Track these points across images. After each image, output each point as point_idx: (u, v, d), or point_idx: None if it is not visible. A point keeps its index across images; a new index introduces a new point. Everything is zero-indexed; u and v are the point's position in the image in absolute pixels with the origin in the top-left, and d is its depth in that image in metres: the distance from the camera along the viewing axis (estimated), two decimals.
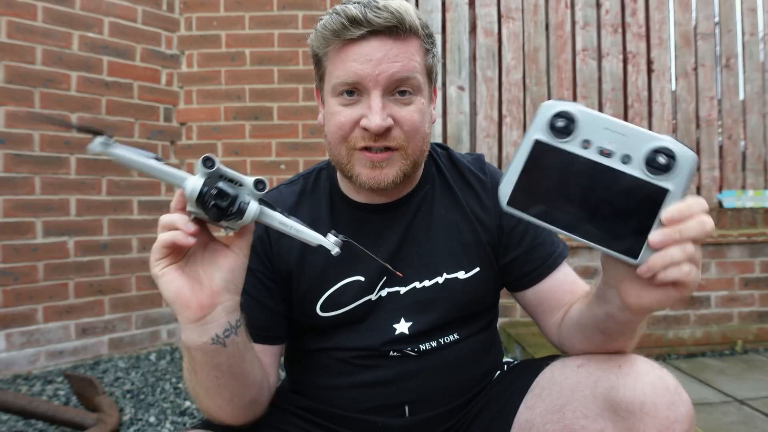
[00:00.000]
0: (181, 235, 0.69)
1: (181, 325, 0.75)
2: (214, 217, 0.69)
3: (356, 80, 0.87)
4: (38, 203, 2.62)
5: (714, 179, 3.17)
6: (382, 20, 0.84)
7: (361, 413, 0.96)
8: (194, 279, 0.74)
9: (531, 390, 0.93)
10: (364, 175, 0.90)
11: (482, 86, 3.10)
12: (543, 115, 0.62)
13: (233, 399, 0.83)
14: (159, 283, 0.72)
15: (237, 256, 0.76)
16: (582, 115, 0.61)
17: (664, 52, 3.18)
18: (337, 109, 0.90)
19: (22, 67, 2.56)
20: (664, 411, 0.74)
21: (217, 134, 3.06)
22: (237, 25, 3.05)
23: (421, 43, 0.91)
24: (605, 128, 0.61)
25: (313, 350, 1.00)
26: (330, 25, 0.87)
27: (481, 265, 1.00)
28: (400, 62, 0.86)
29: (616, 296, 0.70)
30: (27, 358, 2.56)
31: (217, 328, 0.75)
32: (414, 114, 0.89)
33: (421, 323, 0.96)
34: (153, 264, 0.72)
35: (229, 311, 0.76)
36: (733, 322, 3.05)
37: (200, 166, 0.69)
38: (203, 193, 0.69)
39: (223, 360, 0.78)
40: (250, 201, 0.71)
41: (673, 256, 0.59)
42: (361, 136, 0.88)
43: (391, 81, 0.87)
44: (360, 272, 0.97)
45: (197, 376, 0.80)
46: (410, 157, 0.91)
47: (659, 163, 0.59)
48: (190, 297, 0.72)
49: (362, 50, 0.86)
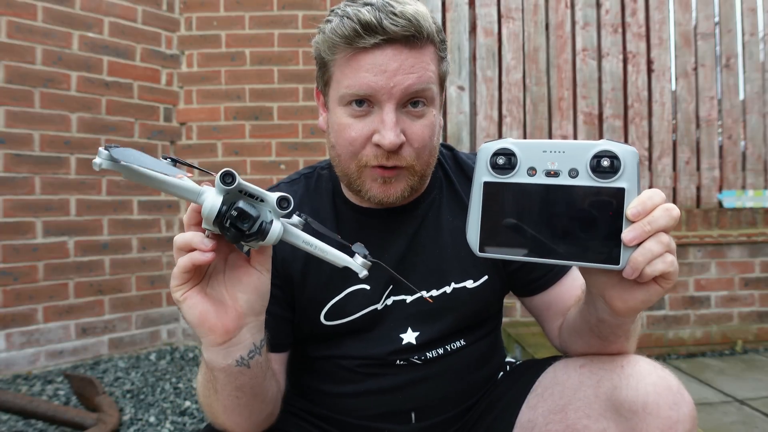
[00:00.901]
0: (199, 255, 0.64)
1: (204, 347, 0.72)
2: (233, 238, 0.64)
3: (369, 93, 0.81)
4: (38, 203, 2.62)
5: (714, 179, 3.17)
6: (399, 28, 0.78)
7: (367, 420, 0.95)
8: (218, 301, 0.70)
9: (533, 390, 0.93)
10: (374, 190, 0.86)
11: (482, 86, 3.10)
12: (483, 158, 0.65)
13: (251, 416, 0.82)
14: (182, 308, 0.68)
15: (260, 273, 0.71)
16: (519, 147, 0.64)
17: (664, 52, 3.18)
18: (347, 122, 0.84)
19: (22, 67, 2.56)
20: (667, 411, 0.74)
21: (217, 134, 3.06)
22: (237, 25, 3.05)
23: (436, 51, 0.86)
24: (543, 151, 0.63)
25: (317, 358, 0.98)
26: (340, 30, 0.80)
27: (489, 273, 0.98)
28: (415, 73, 0.81)
29: (604, 303, 0.70)
30: (27, 358, 2.56)
31: (242, 350, 0.73)
32: (425, 130, 0.85)
33: (429, 333, 0.94)
34: (174, 290, 0.68)
35: (254, 332, 0.73)
36: (733, 322, 3.05)
37: (218, 182, 0.62)
38: (222, 213, 0.62)
39: (246, 381, 0.76)
40: (272, 220, 0.64)
41: (651, 250, 0.59)
42: (374, 154, 0.83)
43: (405, 94, 0.81)
44: (366, 280, 0.93)
45: (218, 395, 0.77)
46: (417, 174, 0.88)
47: (604, 166, 0.60)
48: (215, 321, 0.69)
49: (376, 60, 0.80)
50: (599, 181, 0.61)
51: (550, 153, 0.63)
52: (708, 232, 3.03)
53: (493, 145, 0.65)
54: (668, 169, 3.14)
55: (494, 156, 0.64)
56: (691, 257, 3.01)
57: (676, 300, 3.02)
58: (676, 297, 3.02)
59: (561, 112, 3.13)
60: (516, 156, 0.64)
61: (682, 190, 3.15)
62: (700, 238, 2.99)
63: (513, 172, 0.64)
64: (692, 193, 3.16)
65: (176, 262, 0.66)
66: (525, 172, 0.63)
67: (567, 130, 3.12)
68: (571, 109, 3.14)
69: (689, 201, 3.15)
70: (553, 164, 0.62)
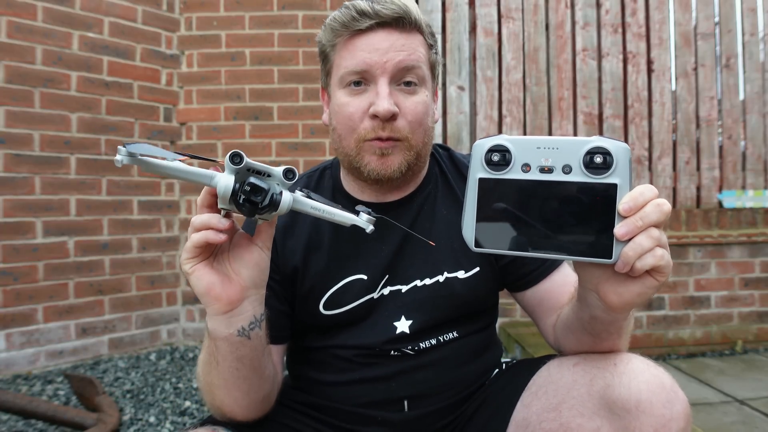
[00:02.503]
0: (213, 234, 0.71)
1: (208, 317, 0.78)
2: (248, 212, 0.69)
3: (364, 68, 0.90)
4: (38, 203, 2.62)
5: (714, 179, 3.16)
6: (389, 12, 0.89)
7: (360, 407, 0.97)
8: (223, 274, 0.76)
9: (528, 388, 0.93)
10: (373, 163, 0.92)
11: (482, 86, 3.10)
12: (477, 154, 0.66)
13: (250, 392, 0.85)
14: (190, 279, 0.74)
15: (261, 251, 0.77)
16: (513, 143, 0.65)
17: (664, 52, 3.17)
18: (346, 100, 0.93)
19: (22, 67, 2.57)
20: (660, 409, 0.74)
21: (217, 134, 3.07)
22: (237, 25, 3.05)
23: (424, 39, 0.95)
24: (537, 147, 0.64)
25: (314, 348, 1.02)
26: (339, 18, 0.92)
27: (481, 265, 1.01)
28: (406, 51, 0.90)
29: (597, 299, 0.72)
30: (27, 358, 2.57)
31: (243, 320, 0.78)
32: (418, 105, 0.92)
33: (422, 321, 0.97)
34: (183, 262, 0.74)
35: (255, 305, 0.79)
36: (733, 322, 3.05)
37: (228, 163, 0.68)
38: (236, 190, 0.68)
39: (246, 352, 0.80)
40: (281, 191, 0.70)
41: (642, 244, 0.61)
42: (371, 126, 0.91)
43: (398, 69, 0.90)
44: (362, 270, 0.98)
45: (219, 366, 0.82)
46: (413, 149, 0.93)
47: (597, 162, 0.62)
48: (221, 291, 0.75)
49: (370, 40, 0.90)
50: (592, 177, 0.62)
51: (543, 149, 0.64)
52: (708, 232, 3.02)
53: (487, 141, 0.66)
54: (668, 169, 3.14)
55: (489, 152, 0.66)
56: (691, 257, 3.01)
57: (676, 300, 3.02)
58: (676, 297, 3.02)
59: (561, 112, 3.13)
60: (510, 152, 0.65)
61: (682, 190, 3.14)
62: (700, 238, 2.99)
63: (507, 169, 0.65)
64: (692, 193, 3.15)
65: (189, 237, 0.72)
66: (519, 168, 0.64)
67: (567, 130, 3.12)
68: (571, 109, 3.14)
69: (689, 201, 3.14)
70: (546, 160, 0.63)
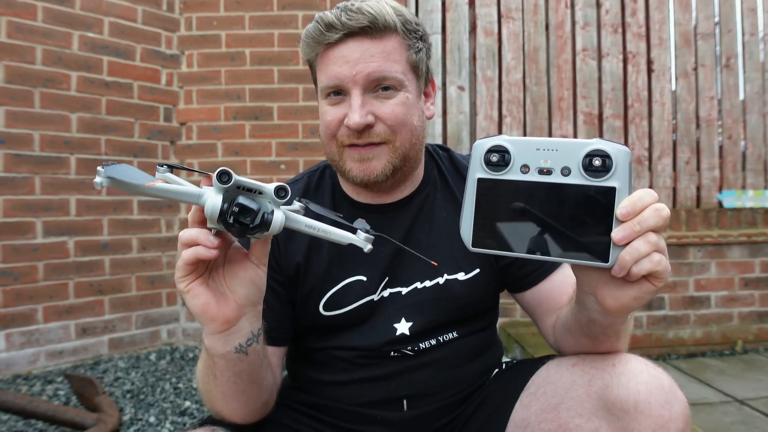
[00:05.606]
0: (203, 250, 0.68)
1: (205, 335, 0.77)
2: (238, 232, 0.66)
3: (337, 83, 0.91)
4: (38, 203, 2.62)
5: (714, 179, 3.16)
6: (354, 22, 0.88)
7: (359, 407, 0.98)
8: (219, 293, 0.74)
9: (527, 388, 0.93)
10: (355, 169, 0.93)
11: (482, 86, 3.10)
12: (477, 154, 0.66)
13: (248, 403, 0.85)
14: (185, 298, 0.72)
15: (256, 267, 0.75)
16: (512, 144, 0.65)
17: (664, 52, 3.17)
18: (325, 109, 0.94)
19: (22, 67, 2.57)
20: (659, 410, 0.74)
21: (217, 134, 3.07)
22: (237, 25, 3.05)
23: (401, 40, 0.93)
24: (537, 149, 0.64)
25: (314, 349, 1.02)
26: (310, 33, 0.93)
27: (481, 266, 1.01)
28: (376, 62, 0.89)
29: (594, 302, 0.71)
30: (27, 358, 2.57)
31: (240, 338, 0.77)
32: (395, 108, 0.92)
33: (422, 323, 0.97)
34: (178, 280, 0.72)
35: (252, 321, 0.78)
36: (733, 322, 3.05)
37: (215, 181, 0.65)
38: (224, 210, 0.65)
39: (244, 368, 0.80)
40: (273, 210, 0.67)
41: (639, 249, 0.60)
42: (347, 134, 0.92)
43: (368, 80, 0.90)
44: (362, 272, 0.98)
45: (216, 380, 0.81)
46: (398, 150, 0.93)
47: (596, 165, 0.61)
48: (216, 311, 0.73)
49: (341, 53, 0.90)
50: (591, 180, 0.61)
51: (543, 151, 0.63)
52: (708, 232, 3.02)
53: (487, 141, 0.66)
54: (668, 169, 3.14)
55: (488, 153, 0.65)
56: (691, 257, 3.01)
57: (676, 300, 3.02)
58: (676, 297, 3.02)
59: (561, 112, 3.12)
60: (510, 153, 0.64)
61: (682, 190, 3.14)
62: (700, 238, 2.98)
63: (506, 169, 0.64)
64: (692, 193, 3.15)
65: (180, 255, 0.70)
66: (518, 169, 0.64)
67: (567, 130, 3.12)
68: (571, 109, 3.14)
69: (689, 201, 3.14)
70: (546, 162, 0.63)
